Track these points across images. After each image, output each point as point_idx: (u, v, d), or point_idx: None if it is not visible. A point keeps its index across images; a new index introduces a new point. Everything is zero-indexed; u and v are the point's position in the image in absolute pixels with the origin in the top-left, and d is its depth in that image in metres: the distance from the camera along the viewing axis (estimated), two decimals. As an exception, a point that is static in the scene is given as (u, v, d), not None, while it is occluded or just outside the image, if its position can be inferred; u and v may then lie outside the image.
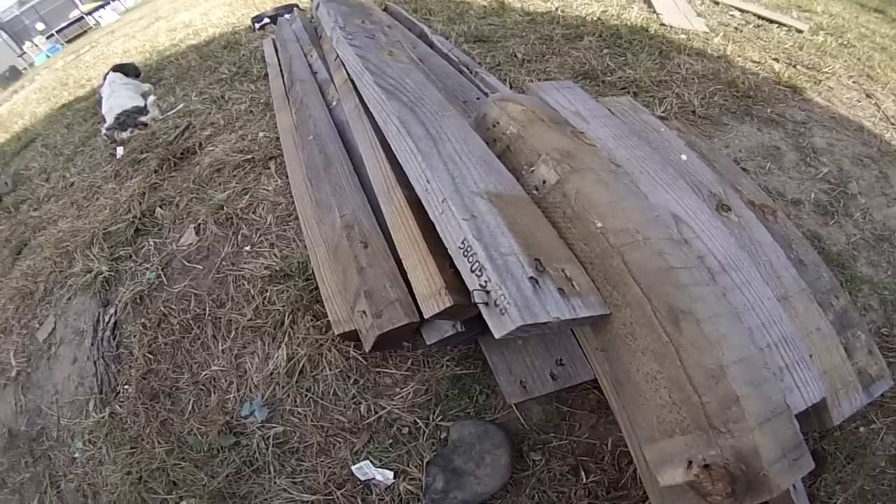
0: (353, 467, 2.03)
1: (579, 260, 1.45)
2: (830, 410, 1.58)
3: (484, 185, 1.55)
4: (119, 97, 5.15)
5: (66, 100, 7.70)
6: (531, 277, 1.25)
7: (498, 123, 1.91)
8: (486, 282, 1.26)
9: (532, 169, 1.70)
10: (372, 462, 2.03)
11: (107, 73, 5.69)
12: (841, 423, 1.67)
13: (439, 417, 2.08)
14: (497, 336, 1.21)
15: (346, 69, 2.59)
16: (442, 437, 2.05)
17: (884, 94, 4.09)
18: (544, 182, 1.65)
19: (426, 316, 1.52)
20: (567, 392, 2.03)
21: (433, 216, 1.54)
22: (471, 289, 1.31)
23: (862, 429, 2.00)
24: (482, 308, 1.27)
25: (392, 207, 1.80)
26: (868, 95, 4.05)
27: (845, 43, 4.94)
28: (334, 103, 3.03)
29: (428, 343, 1.93)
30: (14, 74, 15.68)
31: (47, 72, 12.34)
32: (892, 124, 3.70)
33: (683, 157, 2.12)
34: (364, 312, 1.88)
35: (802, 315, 1.67)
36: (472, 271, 1.31)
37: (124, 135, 4.71)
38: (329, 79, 3.22)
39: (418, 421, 2.09)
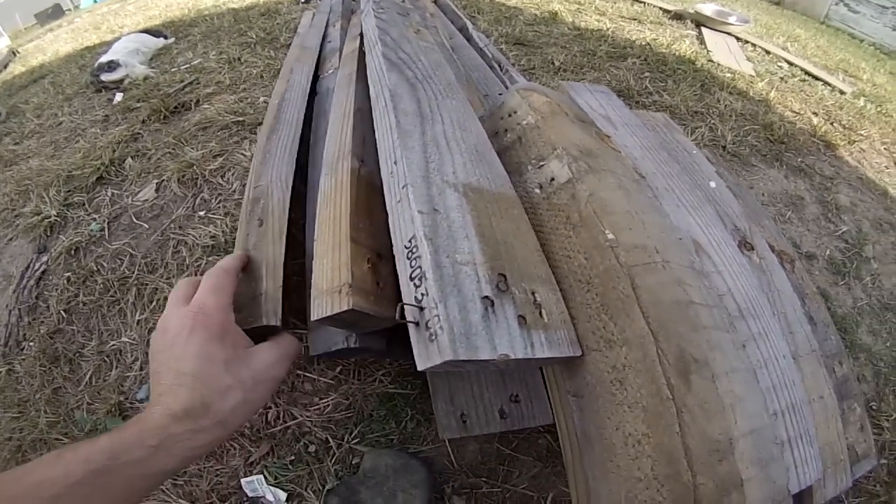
0: (242, 480, 1.75)
1: (567, 280, 1.10)
2: (814, 493, 1.27)
3: (464, 175, 1.20)
4: (116, 51, 5.15)
5: (92, 43, 7.52)
6: (485, 297, 0.90)
7: (515, 112, 1.60)
8: (422, 294, 0.89)
9: (541, 164, 1.38)
10: (266, 478, 1.75)
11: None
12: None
13: (356, 440, 1.80)
14: (419, 367, 0.85)
15: (361, 40, 2.32)
16: (353, 462, 1.76)
17: None
18: (552, 180, 1.31)
19: (312, 317, 1.09)
20: (514, 433, 1.78)
21: (389, 206, 1.16)
22: (403, 301, 0.92)
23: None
24: (410, 328, 0.88)
25: (332, 181, 1.41)
26: None
27: (884, 112, 4.97)
28: (330, 72, 2.78)
29: (310, 353, 1.54)
30: (56, 13, 15.61)
31: (88, 15, 12.20)
32: (917, 195, 3.69)
33: (712, 183, 1.83)
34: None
35: (809, 379, 1.38)
36: (412, 279, 0.93)
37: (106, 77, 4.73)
38: (338, 49, 2.98)
39: (330, 440, 1.80)
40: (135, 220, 2.77)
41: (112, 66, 4.76)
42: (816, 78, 5.29)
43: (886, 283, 2.87)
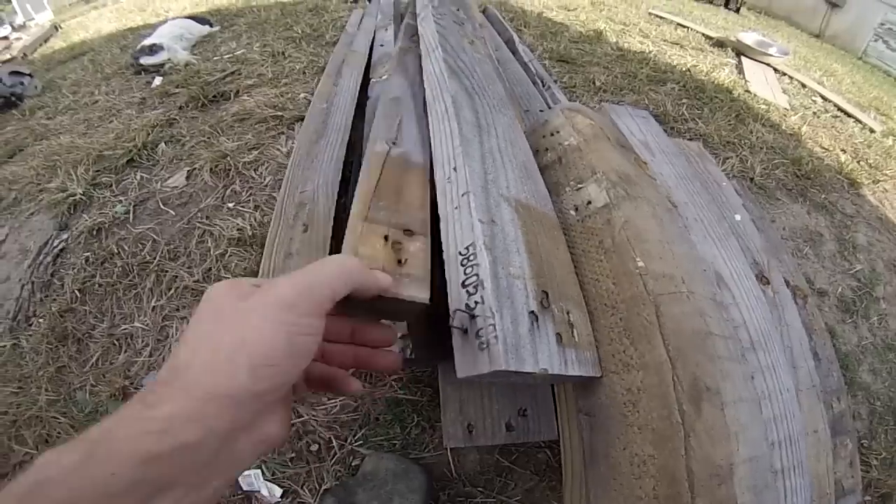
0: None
1: (594, 303, 1.12)
2: None
3: (515, 191, 1.22)
4: (160, 34, 5.14)
5: (135, 24, 7.59)
6: (532, 312, 0.92)
7: (558, 132, 1.61)
8: (476, 303, 0.90)
9: (580, 186, 1.38)
10: (262, 473, 1.76)
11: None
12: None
13: (359, 442, 1.81)
14: (460, 375, 0.86)
15: (414, 42, 2.35)
16: (353, 464, 1.77)
17: None
18: (589, 203, 1.32)
19: None
20: (515, 446, 1.79)
21: (444, 211, 1.17)
22: (451, 308, 0.93)
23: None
24: (456, 334, 0.89)
25: (364, 167, 1.43)
26: None
27: None
28: (384, 77, 2.78)
29: None
30: None
31: None
32: (934, 239, 3.69)
33: (738, 216, 1.86)
34: None
35: (807, 413, 1.42)
36: (465, 286, 0.94)
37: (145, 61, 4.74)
38: (389, 55, 2.99)
39: (333, 440, 1.82)
40: (162, 205, 2.78)
41: (154, 49, 4.78)
42: (849, 115, 5.27)
43: (893, 323, 2.87)
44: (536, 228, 1.15)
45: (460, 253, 1.01)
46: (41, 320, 2.33)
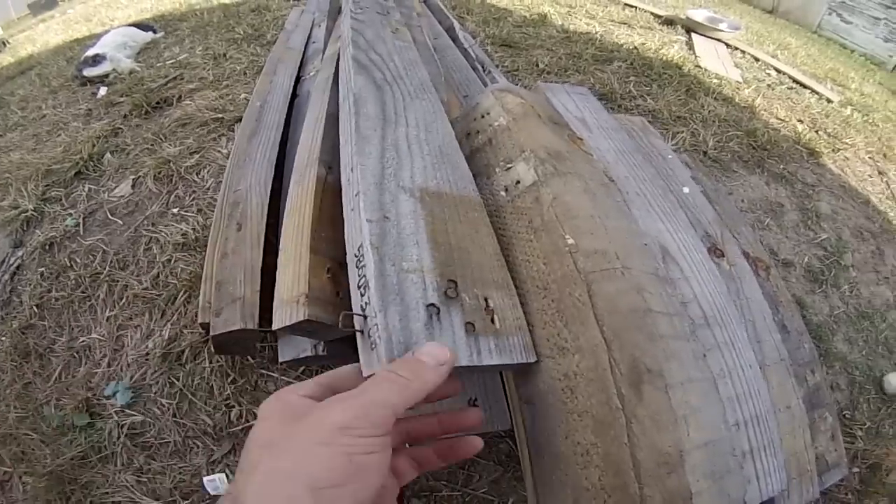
0: (205, 478, 1.78)
1: (526, 285, 1.09)
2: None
3: (423, 180, 1.17)
4: (103, 44, 5.11)
5: (82, 35, 7.50)
6: (431, 305, 0.89)
7: (488, 114, 1.57)
8: (366, 303, 0.89)
9: (509, 166, 1.36)
10: (227, 477, 1.77)
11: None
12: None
13: None
14: (364, 374, 0.83)
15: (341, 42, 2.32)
16: None
17: (895, 175, 4.25)
18: (517, 183, 1.30)
19: (274, 326, 1.14)
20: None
21: (346, 214, 1.16)
22: (353, 310, 0.91)
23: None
24: (357, 336, 0.88)
25: (300, 189, 1.43)
26: (881, 173, 4.21)
27: (870, 121, 5.06)
28: (311, 74, 2.82)
29: (280, 360, 1.58)
30: (50, 3, 15.26)
31: (81, 7, 12.17)
32: (898, 205, 3.75)
33: (686, 189, 1.83)
34: (209, 305, 1.59)
35: (776, 389, 1.39)
36: (358, 287, 0.94)
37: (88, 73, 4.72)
38: (321, 51, 3.00)
39: None
40: (109, 216, 2.77)
41: (97, 59, 4.74)
42: (804, 86, 5.33)
43: (864, 291, 2.90)
44: (448, 215, 1.12)
45: (354, 255, 1.00)
46: (4, 338, 2.33)
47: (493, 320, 0.95)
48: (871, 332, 2.66)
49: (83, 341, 2.22)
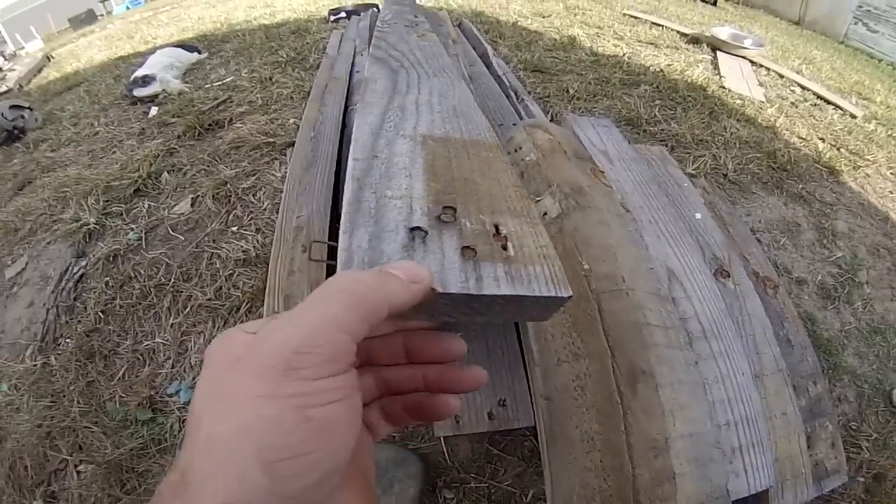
0: None
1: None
2: (771, 501, 1.43)
3: (427, 129, 1.04)
4: (151, 65, 5.30)
5: (126, 52, 7.76)
6: (416, 228, 0.71)
7: (520, 148, 1.79)
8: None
9: (538, 199, 1.57)
10: None
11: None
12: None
13: None
14: None
15: None
16: None
17: None
18: (545, 214, 1.52)
19: None
20: (502, 435, 1.91)
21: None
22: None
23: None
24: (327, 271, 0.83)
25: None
26: None
27: (894, 135, 4.96)
28: (358, 105, 2.95)
29: None
30: (89, 18, 15.62)
31: (121, 22, 12.48)
32: (919, 220, 3.69)
33: (698, 215, 1.99)
34: (276, 314, 1.75)
35: (772, 396, 1.56)
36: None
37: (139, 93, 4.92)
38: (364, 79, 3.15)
39: None
40: (171, 231, 2.94)
41: (147, 80, 4.94)
42: (828, 102, 5.30)
43: (878, 307, 2.89)
44: (454, 153, 0.98)
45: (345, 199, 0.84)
46: (69, 340, 2.49)
47: (505, 247, 0.75)
48: (883, 347, 2.66)
49: (147, 345, 2.39)
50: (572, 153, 1.77)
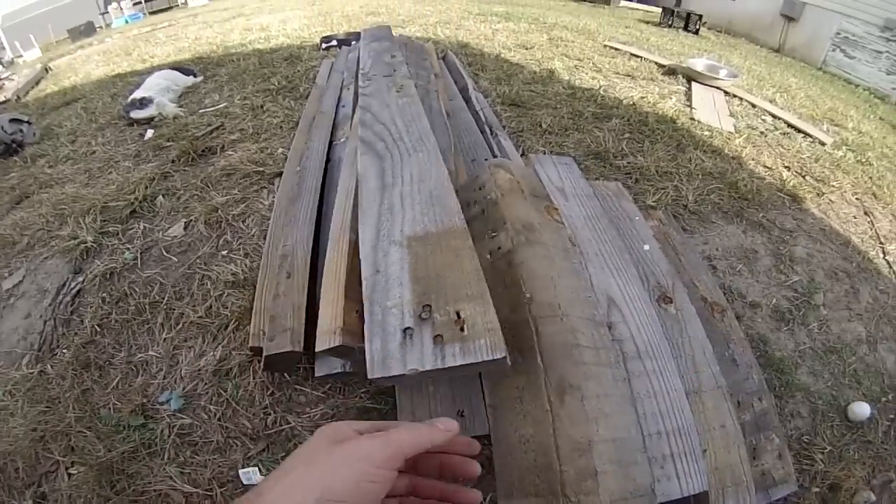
0: (240, 471, 2.06)
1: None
2: None
3: (411, 229, 1.58)
4: (148, 87, 5.43)
5: (123, 70, 7.84)
6: (407, 328, 1.27)
7: (483, 187, 1.97)
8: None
9: (493, 235, 1.76)
10: (259, 470, 2.06)
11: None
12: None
13: None
14: (369, 376, 1.23)
15: None
16: None
17: (882, 214, 4.30)
18: (499, 249, 1.70)
19: (317, 349, 1.55)
20: None
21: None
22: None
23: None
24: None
25: (335, 252, 1.84)
26: (866, 213, 4.24)
27: (863, 160, 5.15)
28: (342, 140, 3.16)
29: (316, 374, 2.08)
30: (88, 30, 15.57)
31: (119, 37, 12.54)
32: (881, 243, 3.85)
33: (646, 247, 2.17)
34: (263, 332, 2.15)
35: (710, 411, 1.71)
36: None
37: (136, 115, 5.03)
38: (349, 115, 3.35)
39: None
40: (164, 253, 3.09)
41: (144, 102, 5.05)
42: (798, 130, 5.44)
43: (835, 328, 2.98)
44: (430, 250, 1.50)
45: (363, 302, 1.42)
46: (66, 351, 2.61)
47: (462, 328, 1.28)
48: (839, 365, 2.76)
49: (141, 357, 2.51)
50: (529, 192, 1.95)
